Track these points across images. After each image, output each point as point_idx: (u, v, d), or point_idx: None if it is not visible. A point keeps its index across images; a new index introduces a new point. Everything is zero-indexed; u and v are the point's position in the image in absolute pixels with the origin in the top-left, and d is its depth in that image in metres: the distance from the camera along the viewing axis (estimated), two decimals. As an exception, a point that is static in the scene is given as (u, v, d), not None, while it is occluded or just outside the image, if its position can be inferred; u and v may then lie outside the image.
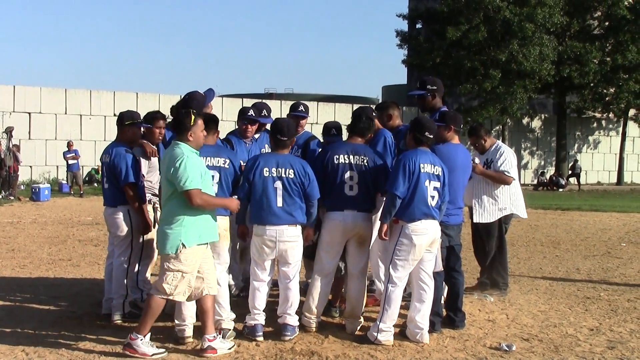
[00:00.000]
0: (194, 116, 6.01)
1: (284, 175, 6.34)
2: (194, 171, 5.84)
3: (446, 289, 7.14)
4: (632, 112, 42.24)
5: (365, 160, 6.60)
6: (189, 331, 6.31)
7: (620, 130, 43.97)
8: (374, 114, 7.15)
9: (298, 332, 6.51)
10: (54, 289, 8.63)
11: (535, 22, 36.22)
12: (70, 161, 25.60)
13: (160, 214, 6.12)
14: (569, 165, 41.09)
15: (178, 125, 6.03)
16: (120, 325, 6.86)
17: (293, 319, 6.49)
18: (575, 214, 20.67)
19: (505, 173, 8.47)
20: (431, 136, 6.53)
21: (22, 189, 25.66)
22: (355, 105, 29.13)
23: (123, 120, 7.26)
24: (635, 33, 38.43)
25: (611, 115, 42.97)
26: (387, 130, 7.36)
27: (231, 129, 8.62)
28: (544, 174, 40.35)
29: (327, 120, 7.86)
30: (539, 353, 6.29)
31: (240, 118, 7.55)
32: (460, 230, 7.26)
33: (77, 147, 26.50)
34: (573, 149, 44.16)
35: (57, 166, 29.51)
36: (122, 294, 7.02)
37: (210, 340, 5.94)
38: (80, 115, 30.35)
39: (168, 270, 5.90)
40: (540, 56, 36.45)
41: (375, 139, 7.17)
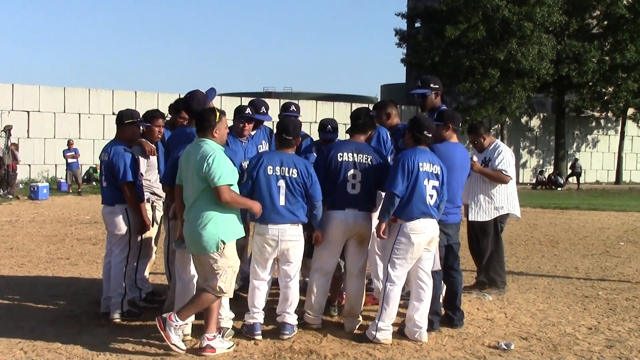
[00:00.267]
0: (218, 113, 6.03)
1: (287, 174, 6.33)
2: (226, 168, 5.88)
3: (444, 287, 7.14)
4: (631, 111, 42.27)
5: (369, 159, 6.61)
6: (187, 329, 6.31)
7: (619, 129, 44.01)
8: (372, 113, 7.17)
9: (297, 331, 6.51)
10: (52, 288, 8.63)
11: (534, 21, 36.24)
12: (69, 160, 25.56)
13: (186, 213, 5.98)
14: (570, 164, 41.11)
15: (202, 122, 6.00)
16: (119, 324, 6.87)
17: (292, 318, 6.49)
18: (573, 213, 20.67)
19: (502, 172, 8.48)
20: (430, 135, 6.53)
21: (21, 188, 25.66)
22: (354, 104, 29.15)
23: (123, 119, 7.25)
24: (634, 32, 38.45)
25: (610, 114, 43.01)
26: (383, 127, 7.39)
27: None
28: (542, 172, 40.37)
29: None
30: (538, 352, 6.29)
31: (236, 117, 7.48)
32: (458, 229, 7.26)
33: (76, 146, 26.48)
34: (572, 148, 44.20)
35: (56, 165, 29.51)
36: (121, 293, 7.01)
37: (210, 339, 5.94)
38: (79, 114, 30.36)
39: (219, 269, 5.91)
40: (539, 55, 36.47)
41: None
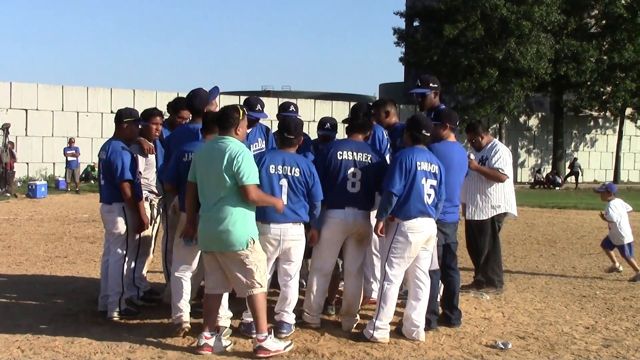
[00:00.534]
0: (242, 110, 6.04)
1: (289, 173, 6.32)
2: (253, 166, 5.90)
3: (442, 286, 7.14)
4: (629, 111, 42.30)
5: (368, 158, 6.61)
6: (186, 317, 6.41)
7: (617, 128, 44.04)
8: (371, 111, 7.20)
9: (294, 330, 6.51)
10: (50, 286, 8.62)
11: (532, 20, 36.25)
12: (69, 158, 25.53)
13: (207, 211, 5.90)
14: (568, 163, 41.13)
15: (225, 119, 5.96)
16: (117, 323, 6.86)
17: (290, 317, 6.50)
18: (571, 213, 20.69)
19: (499, 170, 8.49)
20: (428, 134, 6.53)
21: (19, 186, 25.63)
22: (352, 103, 29.15)
23: (121, 117, 7.25)
24: (632, 31, 38.48)
25: (608, 113, 43.04)
26: (379, 126, 7.39)
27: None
28: (540, 172, 40.40)
29: (325, 118, 7.83)
30: (535, 351, 6.30)
31: None
32: (456, 228, 7.27)
33: (76, 145, 26.42)
34: (570, 147, 44.23)
35: (54, 163, 29.49)
36: (118, 292, 7.01)
37: (208, 338, 5.94)
38: (77, 112, 30.34)
39: (251, 264, 5.90)
40: (537, 54, 36.49)
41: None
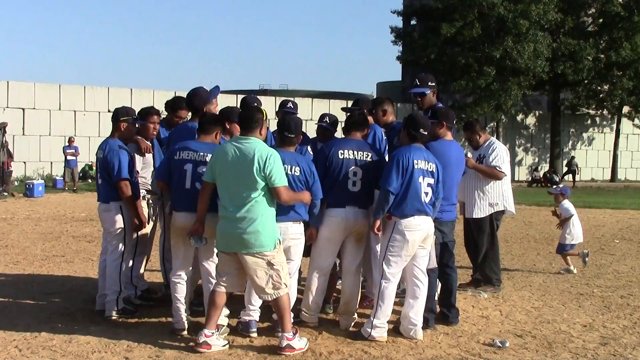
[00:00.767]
0: (264, 111, 6.08)
1: (289, 172, 6.28)
2: (282, 167, 5.95)
3: (440, 285, 7.15)
4: (626, 109, 42.38)
5: (369, 156, 6.61)
6: (184, 323, 6.46)
7: (614, 127, 44.10)
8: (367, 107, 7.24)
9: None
10: (47, 286, 8.61)
11: (529, 19, 36.30)
12: (69, 157, 25.51)
13: (230, 211, 5.88)
14: (566, 162, 41.16)
15: (251, 120, 5.97)
16: (114, 322, 6.86)
17: (287, 315, 6.49)
18: (569, 211, 20.66)
19: (496, 168, 8.50)
20: (425, 133, 6.54)
21: (16, 185, 25.60)
22: (349, 102, 29.12)
23: (118, 116, 7.24)
24: (629, 30, 38.54)
25: (605, 112, 43.10)
26: (377, 126, 7.40)
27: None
28: (537, 170, 40.44)
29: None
30: (532, 349, 6.31)
31: (232, 120, 7.33)
32: (453, 226, 7.27)
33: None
34: (567, 145, 44.28)
35: (51, 162, 29.48)
36: (116, 290, 7.00)
37: (207, 336, 5.95)
38: (75, 111, 30.32)
39: (278, 265, 5.96)
40: (534, 53, 36.54)
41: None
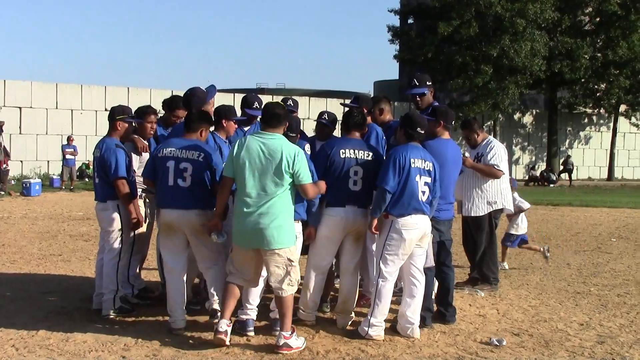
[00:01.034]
0: (286, 108, 6.20)
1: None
2: (307, 165, 6.03)
3: (437, 284, 7.15)
4: (623, 108, 42.39)
5: (369, 156, 6.61)
6: (182, 323, 6.48)
7: (611, 125, 44.13)
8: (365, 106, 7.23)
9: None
10: (44, 285, 8.60)
11: (526, 18, 36.30)
12: (68, 156, 25.46)
13: (255, 207, 5.89)
14: (562, 160, 41.20)
15: (276, 117, 6.03)
16: (111, 321, 6.86)
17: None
18: (566, 210, 20.74)
19: (495, 167, 8.50)
20: (422, 132, 6.54)
21: (13, 184, 25.55)
22: (347, 101, 29.01)
23: (114, 115, 7.23)
24: (626, 29, 38.55)
25: (602, 111, 43.13)
26: (377, 125, 7.39)
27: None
28: (534, 169, 40.46)
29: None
30: (529, 348, 6.32)
31: (228, 118, 7.34)
32: (451, 225, 7.28)
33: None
34: (564, 144, 44.30)
35: (48, 161, 29.42)
36: (113, 289, 7.00)
37: (228, 326, 6.01)
38: (72, 110, 30.25)
39: (294, 262, 6.07)
40: (531, 52, 36.54)
41: (367, 134, 7.20)
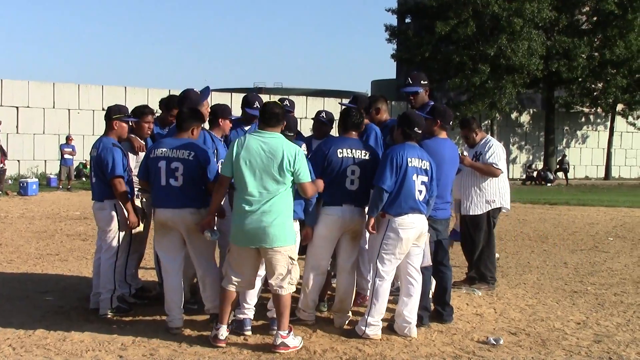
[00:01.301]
0: (283, 107, 6.25)
1: None
2: (306, 164, 6.07)
3: (434, 283, 7.16)
4: (620, 107, 42.43)
5: (367, 155, 6.61)
6: (180, 322, 6.50)
7: (608, 125, 44.19)
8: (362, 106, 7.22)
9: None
10: (41, 284, 8.60)
11: (523, 17, 36.32)
12: (66, 155, 25.44)
13: (256, 205, 5.89)
14: (557, 160, 41.26)
15: (274, 117, 6.05)
16: (108, 320, 6.85)
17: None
18: (563, 209, 20.75)
19: (493, 165, 8.51)
20: (420, 131, 6.54)
21: (10, 184, 25.53)
22: (344, 100, 29.06)
23: (111, 114, 7.23)
24: (623, 28, 38.58)
25: (599, 110, 43.18)
26: (375, 125, 7.39)
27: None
28: (532, 168, 40.49)
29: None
30: (526, 347, 6.32)
31: (225, 116, 7.36)
32: (448, 224, 7.28)
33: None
34: (561, 143, 44.36)
35: (45, 160, 29.41)
36: (110, 289, 7.00)
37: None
38: (69, 110, 30.23)
39: (295, 261, 6.09)
40: (528, 51, 36.56)
41: (366, 134, 7.20)
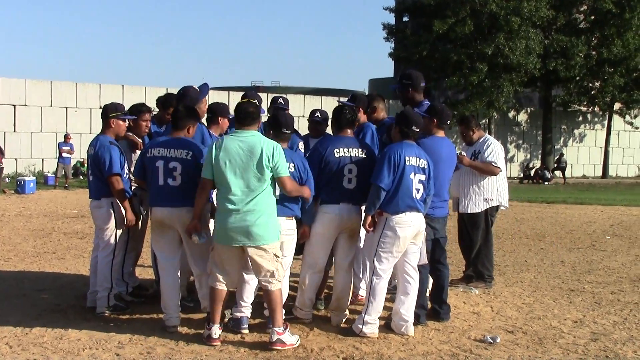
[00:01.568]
0: (258, 104, 6.27)
1: None
2: (285, 158, 6.07)
3: (431, 281, 7.16)
4: (617, 106, 42.44)
5: (364, 153, 6.62)
6: (177, 321, 6.50)
7: (606, 123, 44.20)
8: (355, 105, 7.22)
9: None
10: (38, 282, 8.59)
11: (521, 16, 36.30)
12: (64, 154, 25.41)
13: (239, 205, 5.90)
14: (555, 158, 41.28)
15: (249, 115, 6.05)
16: (105, 318, 6.85)
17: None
18: (560, 207, 20.76)
19: (492, 164, 8.51)
20: (417, 130, 6.54)
21: (7, 182, 25.51)
22: (342, 98, 29.02)
23: (107, 112, 7.23)
24: (621, 27, 38.56)
25: (596, 109, 43.19)
26: (371, 124, 7.39)
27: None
28: (529, 167, 40.51)
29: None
30: (523, 345, 6.33)
31: (224, 115, 7.35)
32: (445, 222, 7.28)
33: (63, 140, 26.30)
34: (559, 142, 44.37)
35: (43, 159, 29.36)
36: (107, 287, 7.00)
37: (221, 329, 6.11)
38: (66, 108, 30.18)
39: (280, 258, 6.10)
40: (526, 50, 36.55)
41: (362, 132, 7.20)
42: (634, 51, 38.62)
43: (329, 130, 7.35)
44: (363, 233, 6.83)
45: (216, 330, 6.07)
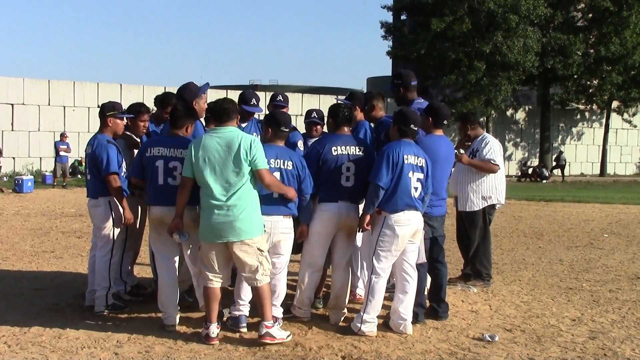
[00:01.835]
0: (234, 101, 6.30)
1: (282, 166, 6.34)
2: (263, 151, 6.08)
3: (429, 280, 7.16)
4: (615, 104, 42.53)
5: (361, 151, 6.62)
6: (175, 319, 6.49)
7: (604, 122, 44.26)
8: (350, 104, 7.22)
9: (282, 323, 6.51)
10: (36, 281, 8.59)
11: (519, 14, 36.34)
12: (61, 153, 25.39)
13: (222, 201, 5.92)
14: (554, 156, 41.32)
15: (225, 112, 6.08)
16: (104, 317, 6.85)
17: (278, 311, 6.49)
18: (558, 205, 20.77)
19: (491, 161, 8.52)
20: (416, 128, 6.54)
21: (5, 181, 25.49)
22: (341, 97, 28.99)
23: (105, 111, 7.22)
24: (618, 25, 38.64)
25: (594, 107, 43.25)
26: (367, 122, 7.39)
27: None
28: (527, 165, 40.53)
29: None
30: (522, 343, 6.33)
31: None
32: (443, 221, 7.28)
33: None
34: (557, 140, 44.41)
35: (41, 158, 29.35)
36: (105, 286, 6.99)
37: (218, 328, 6.16)
38: (64, 107, 30.17)
39: (265, 252, 6.10)
40: (524, 48, 36.60)
41: (357, 129, 7.20)
42: (631, 49, 38.71)
43: (326, 129, 7.35)
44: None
45: (214, 329, 6.07)
